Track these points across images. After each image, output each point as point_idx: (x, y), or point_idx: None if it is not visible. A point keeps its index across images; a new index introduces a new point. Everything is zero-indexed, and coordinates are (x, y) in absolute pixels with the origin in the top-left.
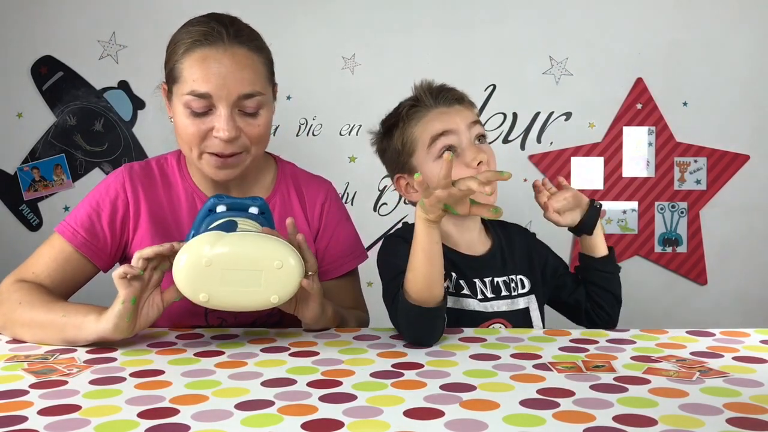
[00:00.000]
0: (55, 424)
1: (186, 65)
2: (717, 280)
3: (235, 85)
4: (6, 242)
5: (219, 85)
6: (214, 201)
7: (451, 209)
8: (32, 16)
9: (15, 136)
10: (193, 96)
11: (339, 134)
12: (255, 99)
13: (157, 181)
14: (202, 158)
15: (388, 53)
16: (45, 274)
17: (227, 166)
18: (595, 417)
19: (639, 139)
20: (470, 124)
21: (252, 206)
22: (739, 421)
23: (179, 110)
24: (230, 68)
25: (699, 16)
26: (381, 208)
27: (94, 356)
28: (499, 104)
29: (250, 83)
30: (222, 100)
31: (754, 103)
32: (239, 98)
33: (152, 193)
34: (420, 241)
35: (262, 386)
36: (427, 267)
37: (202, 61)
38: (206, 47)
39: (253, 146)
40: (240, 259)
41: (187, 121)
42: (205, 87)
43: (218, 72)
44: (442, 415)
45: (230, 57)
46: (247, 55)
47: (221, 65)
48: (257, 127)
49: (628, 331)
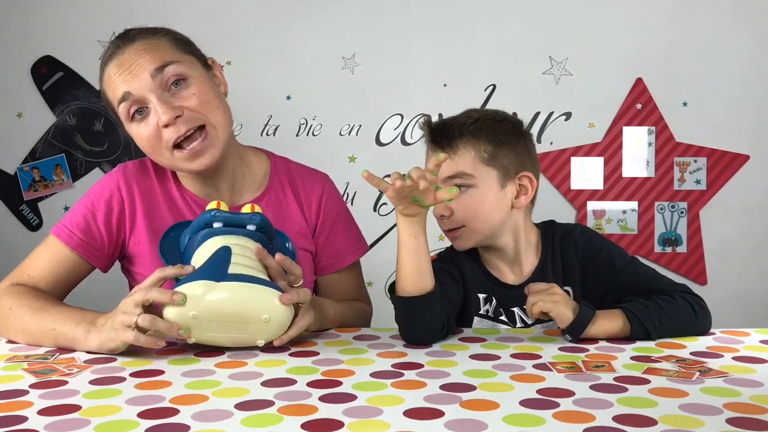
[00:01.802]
0: (55, 424)
1: (106, 86)
2: (717, 280)
3: (141, 69)
4: (6, 242)
5: (131, 77)
6: (210, 217)
7: (420, 201)
8: (32, 16)
9: (15, 136)
10: (120, 104)
11: (339, 134)
12: (169, 68)
13: (152, 178)
14: (174, 156)
15: (388, 53)
16: (41, 276)
17: (197, 154)
18: (595, 417)
19: (639, 139)
20: (445, 178)
21: (249, 224)
22: (739, 421)
23: (129, 128)
24: (131, 61)
25: (699, 16)
26: (381, 208)
27: (94, 356)
28: (499, 104)
29: (153, 60)
30: (142, 89)
31: (754, 103)
32: (154, 75)
33: (148, 191)
34: (401, 234)
35: (262, 386)
36: (409, 261)
37: (110, 76)
38: (108, 66)
39: (207, 117)
40: (228, 314)
41: (136, 130)
42: (121, 86)
43: (124, 71)
44: (442, 415)
45: (127, 56)
46: (142, 44)
47: (123, 67)
48: (193, 95)
49: None
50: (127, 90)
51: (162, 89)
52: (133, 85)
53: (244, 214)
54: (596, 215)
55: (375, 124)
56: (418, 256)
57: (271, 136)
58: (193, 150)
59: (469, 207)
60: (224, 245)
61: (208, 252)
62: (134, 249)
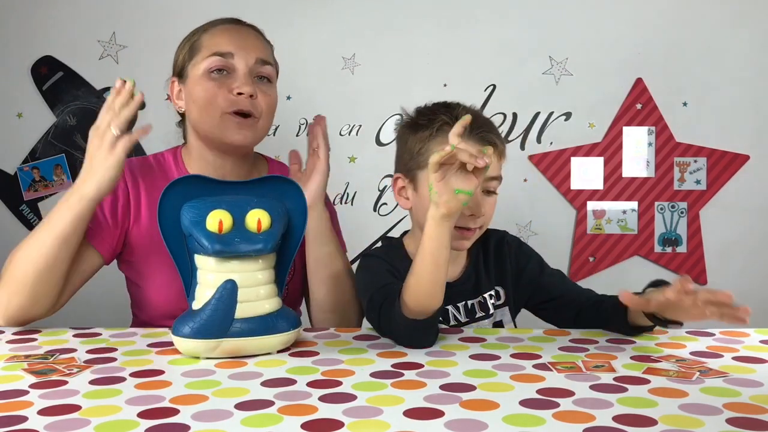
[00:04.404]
0: (55, 424)
1: (206, 37)
2: (717, 280)
3: (254, 48)
4: (6, 242)
5: (240, 46)
6: (216, 251)
7: (463, 191)
8: (32, 16)
9: (15, 136)
10: (215, 56)
11: (339, 134)
12: (269, 67)
13: (155, 173)
14: (222, 120)
15: (388, 53)
16: None
17: (245, 127)
18: (595, 417)
19: (639, 139)
20: (489, 179)
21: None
22: (738, 421)
23: (197, 81)
24: (249, 35)
25: (699, 16)
26: (381, 208)
27: (94, 356)
28: (499, 104)
29: (263, 51)
30: (242, 60)
31: (754, 103)
32: (256, 62)
33: (151, 185)
34: (427, 244)
35: (262, 386)
36: (433, 272)
37: (223, 30)
38: (226, 24)
39: (263, 117)
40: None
41: (208, 84)
42: (228, 47)
43: (239, 36)
44: (442, 415)
45: (247, 30)
46: (256, 34)
47: (240, 33)
48: (269, 96)
49: None
50: (232, 51)
51: (253, 74)
52: (240, 53)
53: (249, 251)
54: (596, 215)
55: (375, 124)
56: (441, 268)
57: (271, 136)
58: (244, 122)
59: (491, 209)
60: (229, 279)
61: (214, 279)
62: (136, 239)
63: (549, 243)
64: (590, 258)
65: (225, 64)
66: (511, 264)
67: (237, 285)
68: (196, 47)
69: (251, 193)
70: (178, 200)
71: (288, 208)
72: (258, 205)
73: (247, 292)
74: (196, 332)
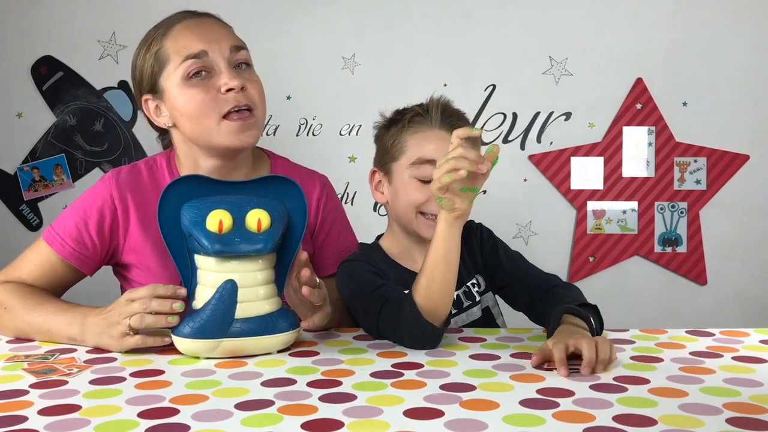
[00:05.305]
0: (55, 424)
1: (169, 43)
2: (717, 280)
3: (224, 37)
4: (6, 242)
5: (210, 39)
6: (216, 251)
7: (471, 189)
8: (32, 16)
9: (15, 136)
10: (189, 60)
11: (339, 134)
12: (244, 52)
13: (146, 183)
14: (222, 126)
15: (388, 53)
16: (31, 279)
17: (247, 126)
18: (595, 417)
19: (639, 139)
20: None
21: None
22: (738, 421)
23: (178, 91)
24: (212, 25)
25: (699, 16)
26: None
27: (94, 356)
28: (499, 104)
29: (232, 38)
30: (217, 55)
31: (754, 103)
32: (231, 51)
33: (141, 198)
34: (440, 244)
35: (262, 386)
36: (444, 271)
37: (185, 28)
38: (183, 21)
39: (258, 106)
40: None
41: (191, 91)
42: (198, 45)
43: (204, 29)
44: (442, 415)
45: (208, 20)
46: (219, 23)
47: (203, 26)
48: (256, 82)
49: (628, 331)
50: (204, 49)
51: (232, 65)
52: (212, 47)
53: (249, 252)
54: (596, 215)
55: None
56: (453, 268)
57: (271, 136)
58: (245, 121)
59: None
60: (229, 279)
61: (215, 279)
62: (129, 257)
63: (549, 243)
64: (590, 258)
65: (202, 64)
66: (481, 250)
67: (237, 285)
68: (163, 57)
69: (251, 193)
70: (178, 200)
71: (288, 208)
72: (258, 205)
73: (247, 292)
74: (196, 332)
